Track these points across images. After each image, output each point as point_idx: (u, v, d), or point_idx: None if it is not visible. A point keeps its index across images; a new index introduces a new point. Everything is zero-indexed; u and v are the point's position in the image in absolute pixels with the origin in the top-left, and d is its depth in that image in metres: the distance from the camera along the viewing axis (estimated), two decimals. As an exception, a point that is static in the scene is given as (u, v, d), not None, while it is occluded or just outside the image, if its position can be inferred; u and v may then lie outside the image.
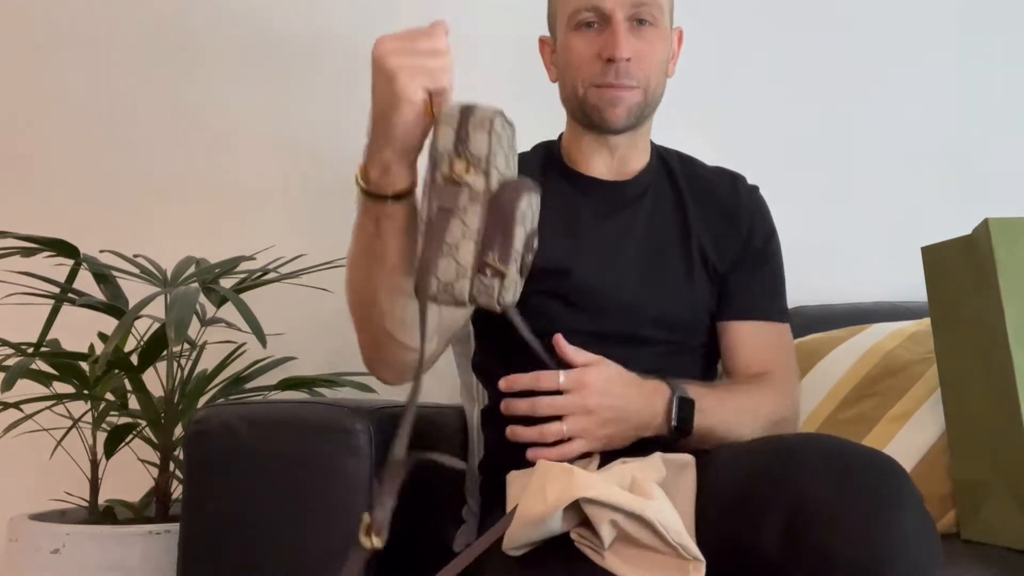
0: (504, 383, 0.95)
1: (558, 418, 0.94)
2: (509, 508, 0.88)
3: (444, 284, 0.76)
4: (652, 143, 1.24)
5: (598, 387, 0.94)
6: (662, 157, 1.24)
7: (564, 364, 0.95)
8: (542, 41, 1.22)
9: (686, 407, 0.98)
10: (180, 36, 1.80)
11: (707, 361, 1.18)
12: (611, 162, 1.18)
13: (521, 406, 0.94)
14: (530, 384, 0.94)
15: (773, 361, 1.15)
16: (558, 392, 0.94)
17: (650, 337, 1.11)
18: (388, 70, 0.82)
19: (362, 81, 1.86)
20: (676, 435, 0.97)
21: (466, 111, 0.78)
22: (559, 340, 0.95)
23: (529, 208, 0.78)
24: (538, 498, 0.83)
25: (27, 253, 1.38)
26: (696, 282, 1.16)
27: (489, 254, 0.76)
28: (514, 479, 0.93)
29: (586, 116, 1.14)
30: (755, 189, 1.25)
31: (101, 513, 1.42)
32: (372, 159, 0.85)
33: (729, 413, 1.02)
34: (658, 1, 1.11)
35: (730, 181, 1.24)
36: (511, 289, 0.77)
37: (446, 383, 1.55)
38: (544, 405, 0.94)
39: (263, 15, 1.81)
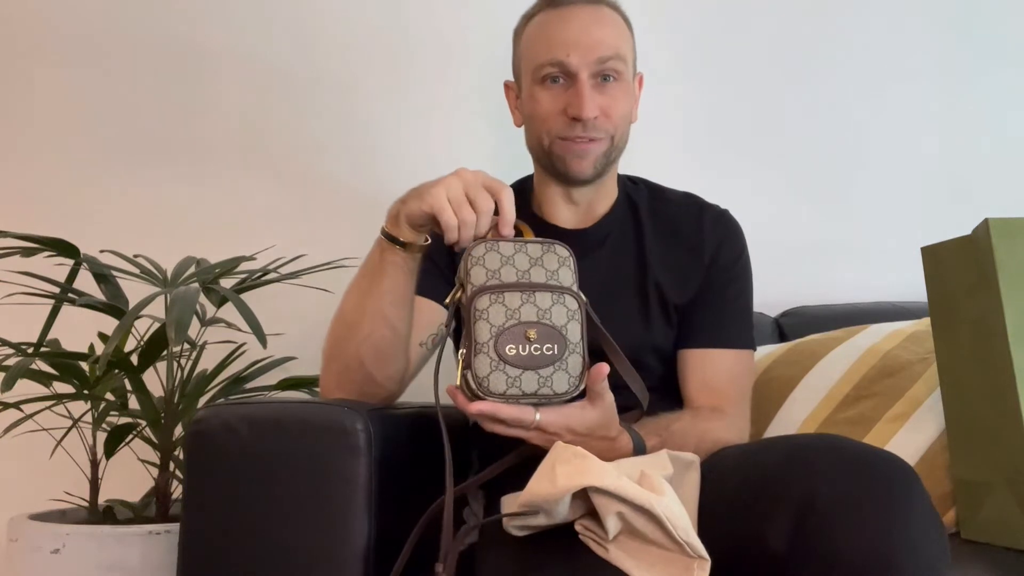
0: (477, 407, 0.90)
1: None
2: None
3: (461, 385, 0.89)
4: (620, 177, 1.27)
5: (567, 437, 0.91)
6: (629, 195, 1.26)
7: None
8: (507, 86, 1.25)
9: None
10: (183, 39, 1.80)
11: (664, 395, 1.18)
12: (576, 210, 1.23)
13: (494, 428, 0.91)
14: (502, 417, 0.89)
15: (725, 390, 1.16)
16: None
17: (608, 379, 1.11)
18: (449, 184, 0.94)
19: (361, 86, 1.88)
20: None
21: (488, 245, 0.92)
22: (602, 369, 0.91)
23: (499, 304, 0.88)
24: (547, 478, 0.82)
25: (27, 253, 1.38)
26: (652, 324, 1.18)
27: (462, 351, 0.88)
28: (507, 503, 0.93)
29: (552, 166, 1.18)
30: (723, 214, 1.25)
31: (101, 513, 1.42)
32: (395, 208, 1.01)
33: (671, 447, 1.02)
34: (622, 56, 1.14)
35: (696, 210, 1.25)
36: (488, 374, 0.86)
37: (446, 383, 1.55)
38: (512, 433, 0.91)
39: (268, 19, 1.81)
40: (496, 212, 0.94)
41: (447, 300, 0.92)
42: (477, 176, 0.94)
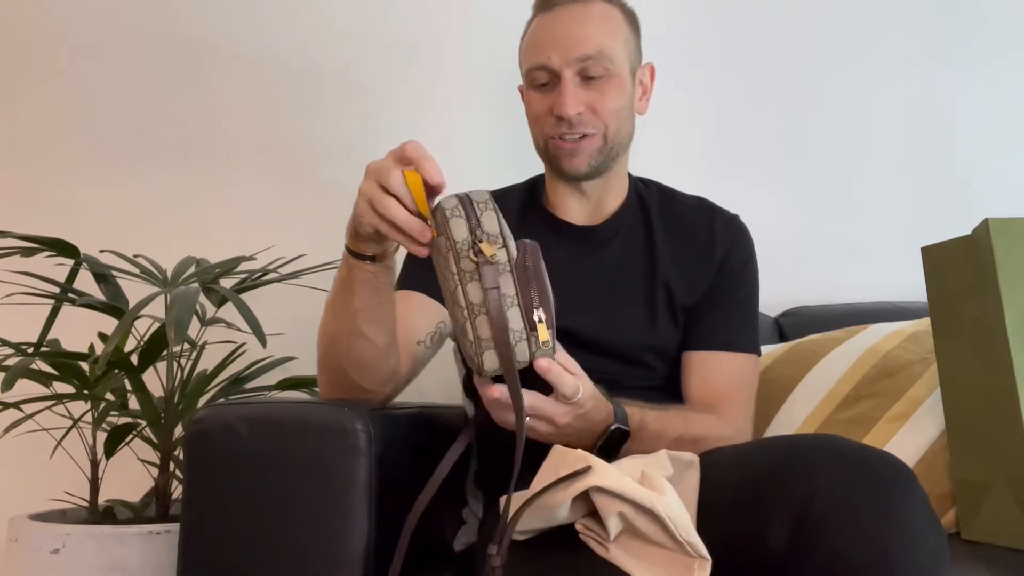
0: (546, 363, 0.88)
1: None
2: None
3: (505, 349, 0.82)
4: (632, 177, 1.27)
5: (589, 401, 0.92)
6: (640, 195, 1.26)
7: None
8: (520, 90, 1.25)
9: (617, 439, 0.97)
10: (184, 38, 1.80)
11: (667, 395, 1.18)
12: (585, 205, 1.23)
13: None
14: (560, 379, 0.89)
15: (726, 392, 1.15)
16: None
17: (610, 376, 1.10)
18: (363, 190, 0.89)
19: (362, 85, 1.88)
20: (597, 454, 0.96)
21: (464, 199, 0.84)
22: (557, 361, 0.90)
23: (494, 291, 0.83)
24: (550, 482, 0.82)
25: (27, 253, 1.38)
26: (659, 324, 1.18)
27: (535, 313, 0.82)
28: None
29: (552, 164, 1.19)
30: (733, 219, 1.26)
31: (101, 513, 1.42)
32: (350, 225, 0.95)
33: (651, 432, 1.02)
34: (606, 53, 1.13)
35: (707, 214, 1.25)
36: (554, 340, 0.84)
37: (446, 383, 1.55)
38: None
39: (270, 18, 1.82)
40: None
41: (489, 253, 0.83)
42: (384, 160, 0.88)
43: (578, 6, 1.14)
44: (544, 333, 0.83)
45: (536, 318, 0.83)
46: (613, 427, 0.96)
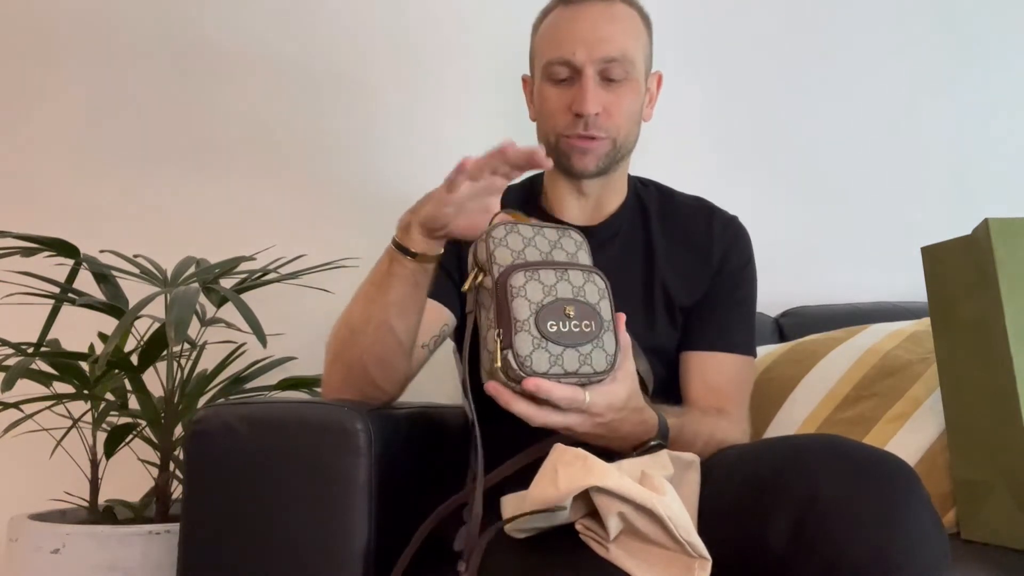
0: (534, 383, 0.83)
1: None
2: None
3: (488, 371, 0.85)
4: (631, 178, 1.27)
5: (608, 416, 0.88)
6: (639, 195, 1.26)
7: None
8: (524, 79, 1.25)
9: (655, 448, 0.96)
10: (184, 38, 1.80)
11: (665, 397, 1.16)
12: (584, 205, 1.22)
13: (536, 416, 0.85)
14: (556, 396, 0.83)
15: (728, 392, 1.15)
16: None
17: None
18: (451, 176, 0.92)
19: (363, 85, 1.88)
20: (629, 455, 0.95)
21: (481, 234, 0.90)
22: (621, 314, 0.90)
23: (535, 281, 0.84)
24: (549, 481, 0.82)
25: (27, 253, 1.38)
26: (656, 326, 1.18)
27: (498, 332, 0.83)
28: (507, 503, 0.92)
29: (558, 161, 1.18)
30: (732, 220, 1.26)
31: (101, 513, 1.42)
32: (405, 218, 0.99)
33: (685, 440, 1.01)
34: (628, 57, 1.13)
35: (706, 215, 1.25)
36: (531, 353, 0.82)
37: (446, 383, 1.55)
38: (554, 422, 0.86)
39: (270, 18, 1.82)
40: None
41: (465, 286, 0.89)
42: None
43: (602, 5, 1.14)
44: (503, 351, 0.82)
45: (496, 335, 0.83)
46: (654, 443, 0.95)
